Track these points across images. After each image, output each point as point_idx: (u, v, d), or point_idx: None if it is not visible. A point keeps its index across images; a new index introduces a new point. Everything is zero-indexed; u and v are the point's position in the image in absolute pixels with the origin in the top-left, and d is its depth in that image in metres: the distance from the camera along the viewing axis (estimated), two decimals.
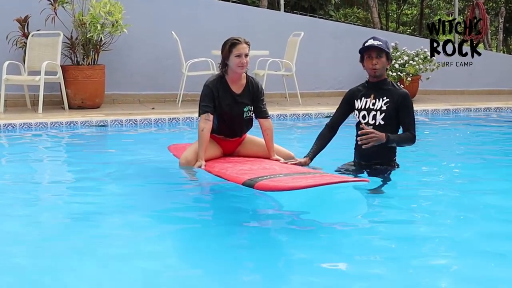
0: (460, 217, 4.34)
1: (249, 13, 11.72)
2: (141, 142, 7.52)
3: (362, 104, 5.06)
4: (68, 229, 4.07)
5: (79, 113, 8.97)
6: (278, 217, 4.44)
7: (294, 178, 4.36)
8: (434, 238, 3.85)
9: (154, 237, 3.90)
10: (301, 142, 7.33)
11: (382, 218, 4.30)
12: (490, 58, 13.34)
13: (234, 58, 5.11)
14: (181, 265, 3.53)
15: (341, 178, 4.46)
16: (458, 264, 3.43)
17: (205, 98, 5.20)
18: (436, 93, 12.17)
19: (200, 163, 5.11)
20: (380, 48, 4.90)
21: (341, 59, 11.77)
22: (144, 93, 10.68)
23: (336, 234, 3.94)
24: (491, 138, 8.09)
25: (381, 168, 5.07)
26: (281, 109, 9.47)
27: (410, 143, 5.00)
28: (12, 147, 7.25)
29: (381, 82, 5.02)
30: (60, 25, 9.50)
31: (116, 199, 4.82)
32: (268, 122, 5.29)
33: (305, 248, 3.64)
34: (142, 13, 10.49)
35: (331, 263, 3.44)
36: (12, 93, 9.67)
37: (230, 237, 3.90)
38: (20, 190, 5.13)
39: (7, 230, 4.04)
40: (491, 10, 18.78)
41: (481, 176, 5.56)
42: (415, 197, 4.82)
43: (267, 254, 3.61)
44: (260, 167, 4.86)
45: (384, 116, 4.96)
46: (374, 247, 3.68)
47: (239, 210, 4.54)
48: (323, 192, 4.22)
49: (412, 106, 5.00)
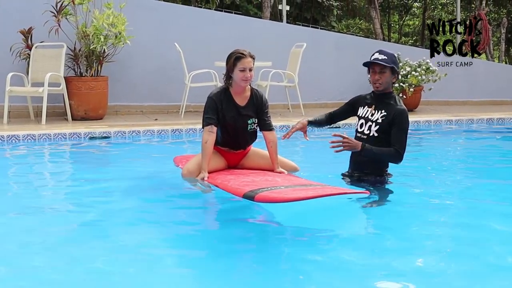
0: (461, 227, 4.33)
1: (251, 24, 11.77)
2: (144, 153, 7.52)
3: (364, 112, 5.11)
4: (70, 240, 4.06)
5: (82, 124, 8.99)
6: (275, 229, 4.44)
7: (295, 190, 4.37)
8: (430, 249, 3.85)
9: (157, 251, 3.91)
10: (303, 154, 7.33)
11: (376, 228, 4.32)
12: (492, 68, 13.37)
13: (238, 72, 5.11)
14: (183, 274, 3.53)
15: (341, 190, 4.46)
16: (462, 277, 3.43)
17: (209, 110, 5.20)
18: (438, 104, 12.19)
19: (203, 175, 5.12)
20: (382, 64, 4.92)
21: (343, 70, 11.80)
22: (147, 104, 10.71)
23: (331, 245, 3.94)
24: (493, 148, 8.09)
25: (372, 179, 5.08)
26: (283, 120, 9.48)
27: (394, 159, 4.96)
28: (15, 158, 7.26)
29: (385, 95, 5.04)
30: (63, 37, 9.54)
31: (119, 210, 4.82)
32: (272, 135, 5.29)
33: (299, 259, 3.65)
34: (145, 25, 10.53)
35: (328, 274, 3.44)
36: (16, 104, 9.71)
37: (234, 253, 3.86)
38: (23, 202, 5.14)
39: (10, 240, 4.05)
40: (493, 20, 18.83)
41: (483, 187, 5.56)
42: (414, 208, 4.80)
43: (270, 268, 3.62)
44: (263, 179, 4.86)
45: (378, 129, 4.98)
46: (371, 258, 3.69)
47: (239, 222, 4.54)
48: (319, 203, 4.23)
49: (405, 125, 4.95)
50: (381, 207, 4.73)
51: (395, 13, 22.10)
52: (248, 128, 5.28)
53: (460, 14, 13.37)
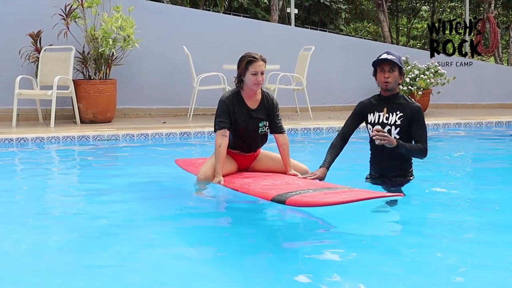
0: (478, 228, 4.37)
1: (260, 27, 11.77)
2: (152, 156, 7.53)
3: (375, 118, 5.04)
4: (80, 243, 4.07)
5: (91, 127, 9.01)
6: (295, 227, 4.47)
7: (327, 194, 4.36)
8: (455, 249, 3.87)
9: (166, 252, 3.91)
10: (312, 156, 7.32)
11: (402, 230, 4.33)
12: (501, 71, 13.33)
13: (250, 75, 5.10)
14: (198, 273, 3.53)
15: (377, 193, 4.43)
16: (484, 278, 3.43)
17: (222, 114, 5.19)
18: (447, 107, 12.16)
19: (218, 179, 5.11)
20: (393, 62, 4.90)
21: (351, 73, 11.79)
22: (155, 107, 10.73)
23: (356, 247, 3.94)
24: (502, 152, 8.06)
25: (399, 180, 5.07)
26: (292, 123, 9.48)
27: (421, 154, 4.95)
28: (24, 161, 7.28)
29: (393, 96, 5.02)
30: (72, 40, 9.57)
31: (128, 213, 4.82)
32: (283, 137, 5.30)
33: (320, 261, 3.66)
34: (153, 28, 10.55)
35: (351, 277, 3.45)
36: (25, 107, 9.74)
37: (250, 256, 3.86)
38: (31, 204, 5.16)
39: (17, 244, 4.05)
40: (502, 23, 18.77)
41: (494, 189, 5.57)
42: (431, 210, 4.84)
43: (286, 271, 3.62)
44: (283, 182, 4.87)
45: (399, 131, 4.95)
46: (395, 261, 3.70)
47: (255, 225, 4.56)
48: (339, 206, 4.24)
49: (424, 120, 5.00)
50: (401, 207, 4.74)
51: (404, 16, 22.06)
52: (259, 131, 5.29)
53: (469, 17, 13.33)
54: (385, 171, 5.09)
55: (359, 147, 5.98)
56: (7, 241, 4.13)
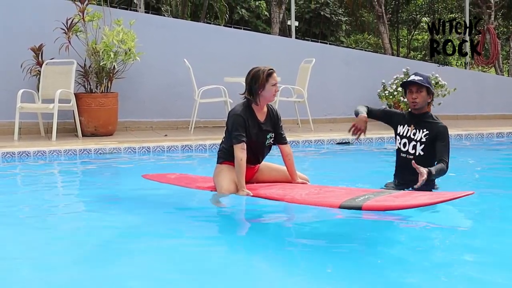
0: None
1: (260, 40, 11.81)
2: (154, 170, 7.53)
3: (404, 131, 5.31)
4: (82, 257, 4.07)
5: (93, 140, 9.02)
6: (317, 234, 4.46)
7: (397, 197, 4.44)
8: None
9: (174, 266, 3.90)
10: (314, 169, 7.32)
11: (408, 237, 4.37)
12: (502, 82, 13.35)
13: (271, 87, 5.21)
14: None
15: (450, 195, 4.37)
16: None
17: (239, 128, 5.21)
18: (448, 118, 12.13)
19: (245, 192, 5.15)
20: (419, 83, 5.16)
21: (352, 85, 11.81)
22: (156, 120, 10.75)
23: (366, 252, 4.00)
24: (504, 163, 8.06)
25: (424, 190, 5.11)
26: (293, 135, 9.48)
27: (445, 172, 5.09)
28: (26, 175, 7.29)
29: (422, 115, 5.30)
30: (73, 54, 9.60)
31: (130, 226, 4.82)
32: (288, 148, 5.43)
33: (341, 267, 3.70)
34: (154, 41, 10.59)
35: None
36: (26, 121, 9.76)
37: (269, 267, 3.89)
38: (33, 218, 5.16)
39: (19, 256, 4.05)
40: (502, 34, 18.82)
41: (497, 199, 5.61)
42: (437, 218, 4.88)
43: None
44: (322, 190, 4.94)
45: (423, 148, 5.19)
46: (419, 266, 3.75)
47: (276, 237, 4.60)
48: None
49: (448, 138, 5.20)
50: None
51: (404, 27, 22.13)
52: (266, 142, 5.38)
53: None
54: (410, 184, 5.16)
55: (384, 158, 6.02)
56: (7, 249, 4.13)
